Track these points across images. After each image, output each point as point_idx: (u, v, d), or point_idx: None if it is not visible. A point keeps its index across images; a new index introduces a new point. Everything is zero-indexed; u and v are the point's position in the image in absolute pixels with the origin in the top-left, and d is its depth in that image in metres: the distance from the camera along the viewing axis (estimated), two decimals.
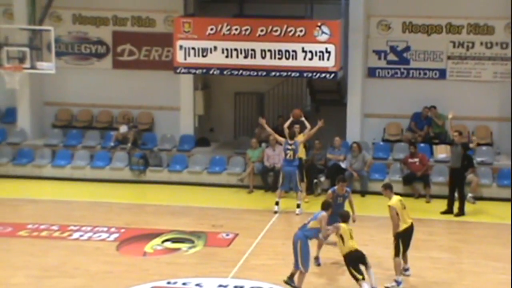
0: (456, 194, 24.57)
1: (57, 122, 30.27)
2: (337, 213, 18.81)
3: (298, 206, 24.54)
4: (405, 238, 19.38)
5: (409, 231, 19.40)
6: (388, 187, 20.06)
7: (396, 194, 21.71)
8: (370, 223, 24.13)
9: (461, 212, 24.16)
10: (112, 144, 28.90)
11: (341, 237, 17.63)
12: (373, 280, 17.41)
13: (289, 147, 24.32)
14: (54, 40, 26.74)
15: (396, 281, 18.96)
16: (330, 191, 20.56)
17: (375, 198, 26.09)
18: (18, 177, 28.52)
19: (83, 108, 30.38)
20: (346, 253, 17.67)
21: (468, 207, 24.37)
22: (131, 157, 28.44)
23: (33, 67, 26.26)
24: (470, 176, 24.98)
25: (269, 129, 25.47)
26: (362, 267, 17.64)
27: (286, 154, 24.35)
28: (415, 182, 26.35)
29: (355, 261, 17.60)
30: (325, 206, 18.31)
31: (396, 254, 19.25)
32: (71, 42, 29.56)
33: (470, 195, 24.65)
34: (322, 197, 25.16)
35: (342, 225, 17.78)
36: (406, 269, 19.79)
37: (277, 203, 24.34)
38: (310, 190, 26.17)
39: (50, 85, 29.56)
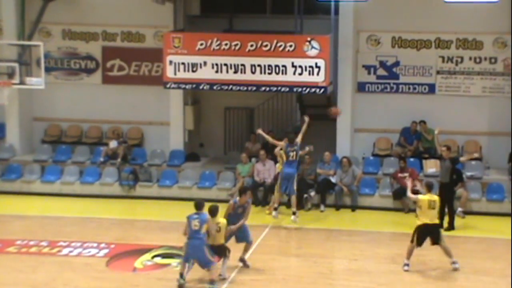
0: (446, 209, 24.42)
1: (47, 138, 30.29)
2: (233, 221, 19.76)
3: (294, 213, 24.30)
4: (422, 232, 20.00)
5: (428, 227, 19.99)
6: (427, 186, 20.83)
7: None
8: (360, 237, 24.43)
9: (451, 227, 24.13)
10: (101, 159, 28.74)
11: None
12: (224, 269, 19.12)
13: (291, 148, 24.28)
14: (44, 56, 27.02)
15: (406, 264, 20.01)
16: (231, 202, 20.64)
17: (365, 212, 26.68)
18: (7, 193, 28.35)
19: (72, 124, 30.35)
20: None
21: (457, 221, 24.39)
22: (121, 173, 28.45)
23: (22, 82, 26.55)
24: (459, 191, 24.98)
25: (267, 136, 25.45)
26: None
27: (288, 156, 24.25)
28: (405, 197, 25.58)
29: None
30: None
31: (411, 241, 20.04)
32: (60, 58, 29.57)
33: (459, 209, 24.65)
34: (312, 212, 26.53)
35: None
36: (454, 262, 20.29)
37: (275, 209, 24.41)
38: (300, 205, 25.75)
39: (39, 100, 29.65)
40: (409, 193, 21.93)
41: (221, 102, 29.96)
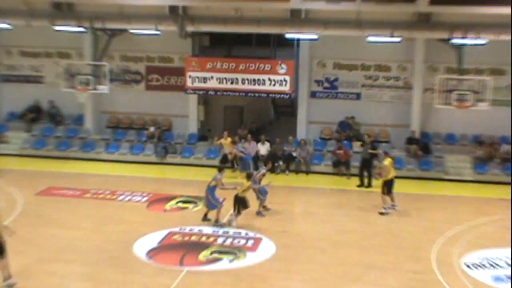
0: (366, 174, 25.40)
1: (109, 124, 31.22)
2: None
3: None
4: (390, 185, 21.39)
5: (392, 181, 21.39)
6: (385, 153, 22.13)
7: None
8: (311, 191, 25.28)
9: (369, 185, 25.22)
10: (144, 139, 29.64)
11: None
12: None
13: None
14: (108, 71, 27.68)
15: (384, 208, 21.26)
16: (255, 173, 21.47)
17: (315, 176, 27.73)
18: (84, 159, 29.43)
19: (125, 115, 31.21)
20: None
21: (374, 182, 25.10)
22: (157, 148, 29.16)
23: (94, 89, 27.28)
24: (375, 163, 25.38)
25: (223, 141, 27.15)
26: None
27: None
28: (340, 166, 27.18)
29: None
30: (219, 170, 20.42)
31: (383, 192, 21.38)
32: (119, 73, 30.40)
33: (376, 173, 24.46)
34: (280, 175, 26.76)
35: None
36: (394, 205, 21.72)
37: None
38: (272, 170, 26.09)
39: (105, 100, 30.29)
40: (378, 163, 22.99)
41: (222, 103, 30.47)
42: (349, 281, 16.30)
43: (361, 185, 25.54)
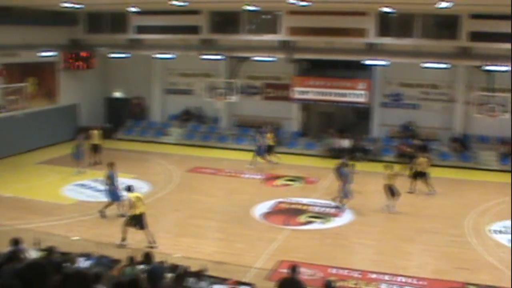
0: None
1: (237, 123, 30.42)
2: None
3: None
4: (424, 175, 20.67)
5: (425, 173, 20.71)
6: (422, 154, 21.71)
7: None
8: (380, 175, 23.06)
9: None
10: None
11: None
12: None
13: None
14: (237, 86, 27.80)
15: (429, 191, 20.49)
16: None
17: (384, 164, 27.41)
18: (219, 148, 28.74)
19: (248, 117, 30.32)
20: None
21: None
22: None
23: (227, 98, 27.80)
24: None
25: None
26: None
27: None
28: (402, 157, 25.68)
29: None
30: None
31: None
32: (244, 87, 29.34)
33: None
34: (359, 163, 24.15)
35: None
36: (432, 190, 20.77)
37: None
38: (353, 159, 24.67)
39: (235, 107, 29.82)
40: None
41: (317, 109, 29.64)
42: (406, 240, 16.58)
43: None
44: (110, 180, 17.88)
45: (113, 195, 17.77)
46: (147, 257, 11.26)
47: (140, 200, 15.38)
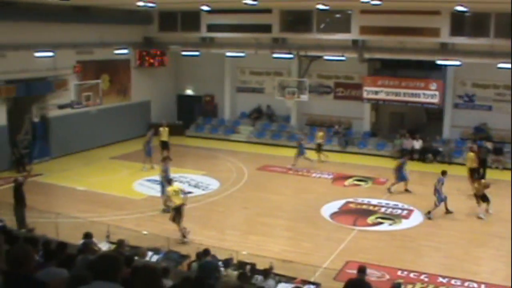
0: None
1: (307, 122, 30.50)
2: None
3: None
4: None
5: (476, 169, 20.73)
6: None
7: None
8: (451, 178, 22.59)
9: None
10: (332, 133, 28.52)
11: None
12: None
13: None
14: (308, 85, 27.91)
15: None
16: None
17: (455, 166, 25.18)
18: (290, 146, 27.34)
19: (319, 116, 30.49)
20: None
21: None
22: (340, 140, 28.24)
23: (298, 97, 27.74)
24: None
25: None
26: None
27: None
28: None
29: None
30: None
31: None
32: (315, 86, 29.66)
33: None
34: (430, 164, 25.41)
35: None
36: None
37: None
38: (423, 160, 25.96)
39: (305, 105, 29.66)
40: None
41: (388, 109, 29.31)
42: (477, 245, 16.18)
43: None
44: (164, 173, 18.36)
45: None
46: (204, 253, 11.72)
47: (177, 193, 15.73)
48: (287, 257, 14.14)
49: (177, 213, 15.56)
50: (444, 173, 18.71)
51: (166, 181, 16.92)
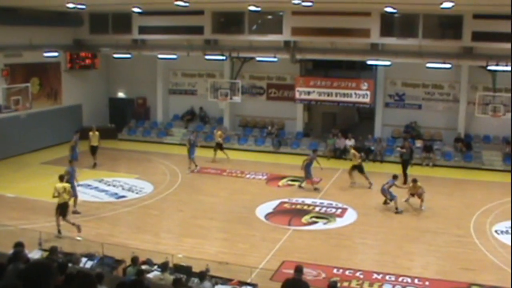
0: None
1: (241, 124, 30.42)
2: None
3: None
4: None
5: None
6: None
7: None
8: (383, 175, 23.32)
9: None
10: (264, 134, 29.05)
11: None
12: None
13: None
14: (240, 87, 28.01)
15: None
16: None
17: (387, 164, 25.91)
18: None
19: (252, 118, 30.50)
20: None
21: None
22: (273, 141, 28.48)
23: (231, 99, 27.75)
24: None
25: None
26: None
27: None
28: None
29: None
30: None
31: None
32: (248, 88, 29.77)
33: None
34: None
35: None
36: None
37: None
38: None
39: (238, 107, 29.88)
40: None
41: (320, 110, 29.70)
42: (410, 241, 16.49)
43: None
44: (68, 176, 17.84)
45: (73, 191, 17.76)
46: (133, 261, 11.60)
47: (65, 190, 15.98)
48: (223, 258, 14.02)
49: (62, 209, 15.80)
50: (395, 177, 19.18)
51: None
